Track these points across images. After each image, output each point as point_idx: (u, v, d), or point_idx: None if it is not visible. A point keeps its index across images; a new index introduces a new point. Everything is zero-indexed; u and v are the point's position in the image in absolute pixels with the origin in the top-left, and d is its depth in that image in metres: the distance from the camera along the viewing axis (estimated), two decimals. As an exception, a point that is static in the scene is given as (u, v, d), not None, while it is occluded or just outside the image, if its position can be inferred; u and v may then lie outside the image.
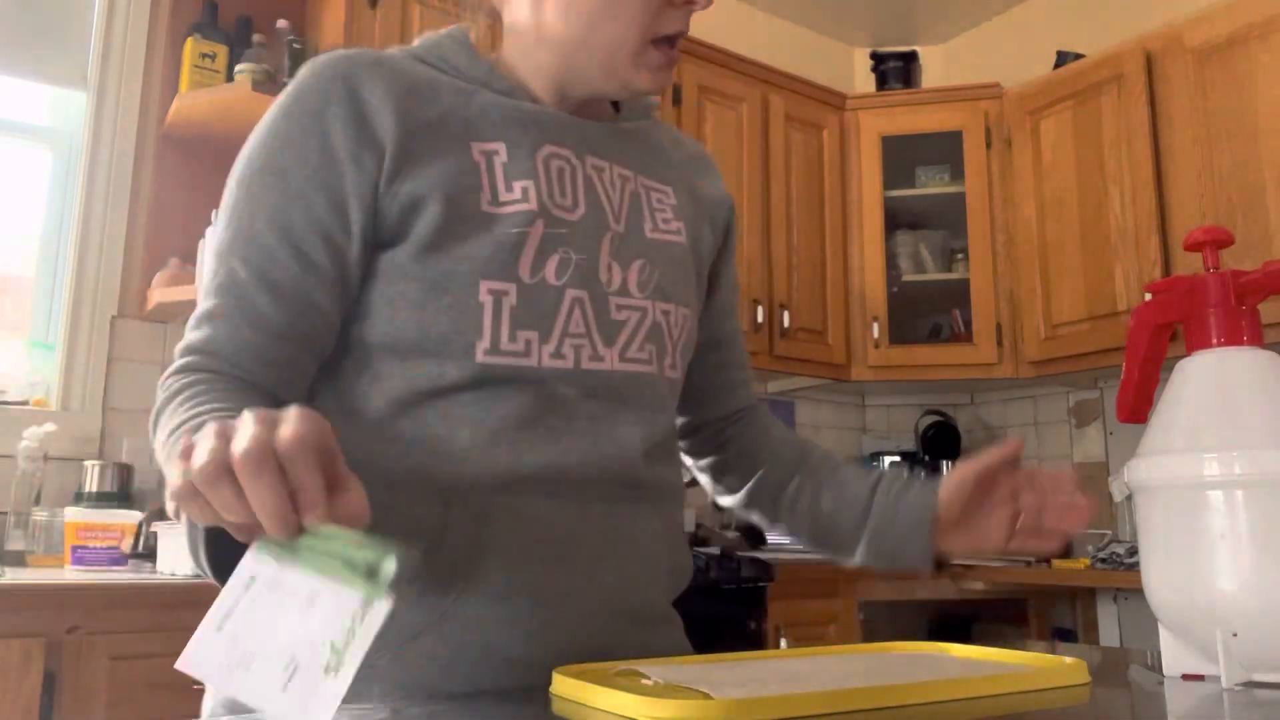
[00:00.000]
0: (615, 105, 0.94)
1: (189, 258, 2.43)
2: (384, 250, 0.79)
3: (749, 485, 1.03)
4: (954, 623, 3.35)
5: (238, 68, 2.36)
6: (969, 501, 0.90)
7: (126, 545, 2.00)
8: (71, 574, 1.85)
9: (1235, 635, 0.70)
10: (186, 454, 0.54)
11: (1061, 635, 3.20)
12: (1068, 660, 0.78)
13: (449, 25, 0.90)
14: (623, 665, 0.76)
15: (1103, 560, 2.75)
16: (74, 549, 1.96)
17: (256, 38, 2.41)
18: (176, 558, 1.88)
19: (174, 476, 0.55)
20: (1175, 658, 0.77)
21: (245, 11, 2.51)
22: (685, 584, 0.93)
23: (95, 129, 2.45)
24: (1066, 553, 3.22)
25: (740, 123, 3.14)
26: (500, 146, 0.81)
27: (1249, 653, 0.71)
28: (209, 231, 2.31)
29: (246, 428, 0.53)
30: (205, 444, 0.53)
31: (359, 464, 0.58)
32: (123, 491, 2.18)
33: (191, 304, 2.29)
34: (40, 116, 2.50)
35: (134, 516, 2.04)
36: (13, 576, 1.70)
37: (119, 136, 2.46)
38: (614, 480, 0.82)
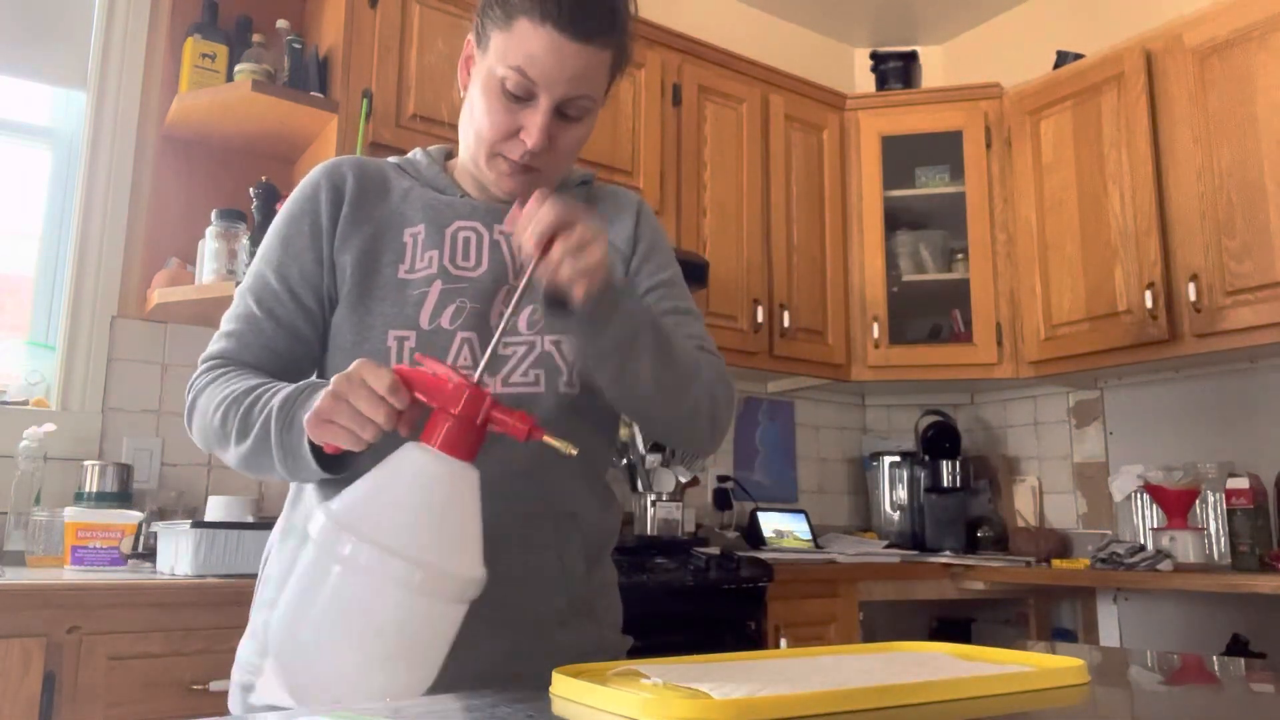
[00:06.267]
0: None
1: (189, 258, 2.42)
2: (333, 308, 1.07)
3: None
4: (954, 623, 3.35)
5: (238, 68, 2.36)
6: None
7: (126, 545, 2.00)
8: (71, 574, 1.85)
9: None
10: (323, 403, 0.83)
11: (1061, 635, 3.20)
12: (1068, 660, 0.78)
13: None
14: (622, 665, 0.76)
15: (1103, 560, 2.75)
16: (74, 549, 1.96)
17: (256, 38, 2.41)
18: (176, 557, 1.88)
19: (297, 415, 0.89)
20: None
21: (245, 11, 2.51)
22: (599, 600, 1.09)
23: (95, 129, 2.44)
24: (1066, 553, 3.22)
25: (740, 123, 3.14)
26: (421, 227, 1.08)
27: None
28: (209, 232, 2.31)
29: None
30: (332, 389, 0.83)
31: None
32: (122, 491, 2.18)
33: (191, 304, 2.30)
34: (40, 116, 2.50)
35: (134, 516, 2.04)
36: (13, 576, 1.70)
37: (119, 136, 2.46)
38: (497, 492, 0.86)
